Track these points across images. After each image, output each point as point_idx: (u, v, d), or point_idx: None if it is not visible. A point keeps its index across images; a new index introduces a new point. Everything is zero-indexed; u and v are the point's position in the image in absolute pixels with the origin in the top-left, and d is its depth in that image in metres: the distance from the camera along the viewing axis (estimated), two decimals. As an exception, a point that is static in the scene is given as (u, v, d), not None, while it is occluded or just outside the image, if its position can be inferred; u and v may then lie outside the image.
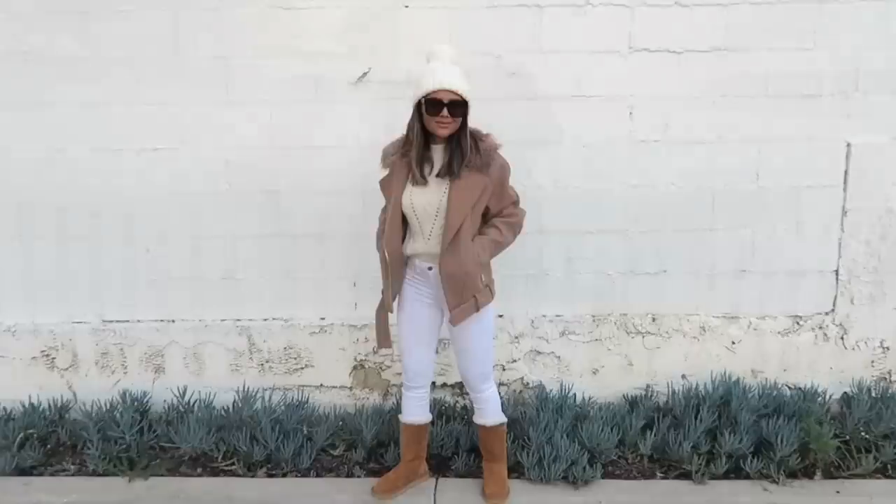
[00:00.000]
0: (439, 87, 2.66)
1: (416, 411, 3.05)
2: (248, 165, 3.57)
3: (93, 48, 3.47)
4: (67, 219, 3.62)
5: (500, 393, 3.66)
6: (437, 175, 2.77)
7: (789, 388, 3.66)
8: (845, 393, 3.64)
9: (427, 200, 2.77)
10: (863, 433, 3.37)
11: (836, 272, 3.64)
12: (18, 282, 3.68)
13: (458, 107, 2.68)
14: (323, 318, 3.70)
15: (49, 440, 3.47)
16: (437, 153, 2.79)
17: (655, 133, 3.52)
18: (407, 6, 3.43)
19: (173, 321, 3.71)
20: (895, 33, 3.44)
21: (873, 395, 3.56)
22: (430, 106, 2.68)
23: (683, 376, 3.70)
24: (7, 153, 3.57)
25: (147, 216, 3.61)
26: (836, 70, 3.46)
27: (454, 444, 3.32)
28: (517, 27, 3.44)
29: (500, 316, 3.67)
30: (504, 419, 3.07)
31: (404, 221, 2.86)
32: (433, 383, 3.65)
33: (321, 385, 3.73)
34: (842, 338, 3.69)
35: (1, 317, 3.72)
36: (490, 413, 3.02)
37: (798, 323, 3.68)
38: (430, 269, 2.85)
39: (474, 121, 2.81)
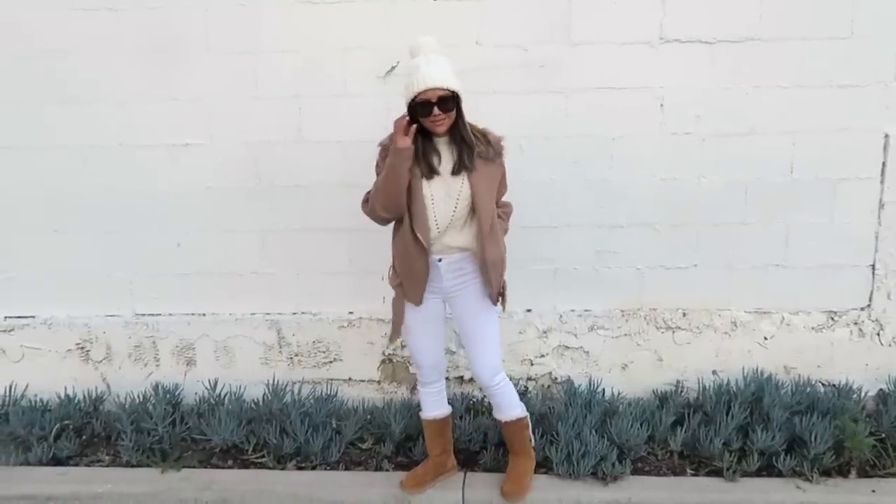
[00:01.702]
0: (424, 87, 2.61)
1: (435, 406, 3.05)
2: (277, 160, 3.59)
3: (121, 44, 3.51)
4: (100, 214, 3.68)
5: (528, 388, 3.68)
6: (452, 172, 2.75)
7: (823, 384, 3.59)
8: (881, 390, 3.56)
9: (446, 192, 2.75)
10: (900, 431, 3.31)
11: (873, 267, 3.56)
12: (53, 276, 3.75)
13: (449, 101, 2.64)
14: (351, 312, 3.72)
15: (84, 431, 3.54)
16: (442, 146, 2.77)
17: (686, 125, 3.47)
18: (435, -1, 3.43)
19: (204, 315, 3.75)
20: (936, 21, 3.35)
21: (911, 392, 3.48)
22: (420, 107, 2.64)
23: (714, 372, 3.65)
24: (41, 150, 3.64)
25: (178, 211, 3.66)
26: (874, 59, 3.38)
27: (482, 439, 3.32)
28: (545, 19, 3.41)
29: (529, 310, 3.66)
30: (523, 413, 3.03)
31: None
32: (461, 378, 3.67)
33: (350, 379, 3.75)
34: (878, 334, 3.61)
35: (37, 310, 3.80)
36: (505, 407, 3.00)
37: (833, 318, 3.61)
38: (440, 260, 2.83)
39: (499, 114, 2.79)
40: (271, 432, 3.33)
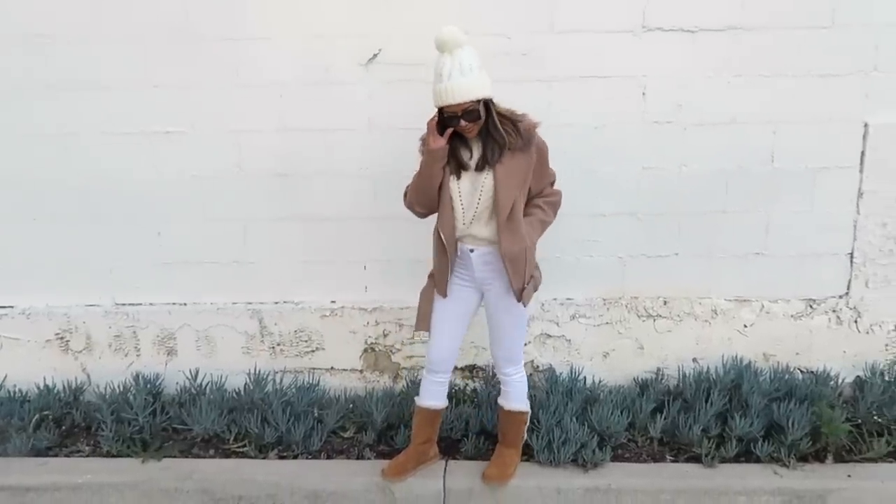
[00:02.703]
0: (447, 103, 2.63)
1: (433, 396, 3.04)
2: (258, 148, 3.56)
3: (103, 31, 3.46)
4: (80, 202, 3.63)
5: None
6: (476, 168, 2.77)
7: (801, 371, 3.64)
8: (858, 377, 3.61)
9: (472, 186, 2.77)
10: (875, 417, 3.35)
11: (851, 255, 3.60)
12: (32, 265, 3.71)
13: (474, 111, 2.65)
14: (334, 302, 3.71)
15: (64, 422, 3.52)
16: (473, 140, 2.78)
17: (668, 114, 3.47)
18: (417, -14, 3.39)
19: (185, 304, 3.73)
20: (915, 11, 3.37)
21: (887, 378, 3.53)
22: (447, 119, 2.67)
23: (694, 360, 3.68)
24: (20, 137, 3.58)
25: (159, 199, 3.62)
26: (854, 49, 3.39)
27: (464, 427, 3.33)
28: (529, 7, 3.39)
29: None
30: (525, 408, 3.06)
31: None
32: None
33: (332, 368, 3.75)
34: (856, 321, 3.65)
35: (16, 300, 3.76)
36: (512, 397, 3.03)
37: (811, 306, 3.64)
38: (472, 251, 2.84)
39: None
40: (253, 421, 3.32)
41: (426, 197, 2.83)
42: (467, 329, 3.03)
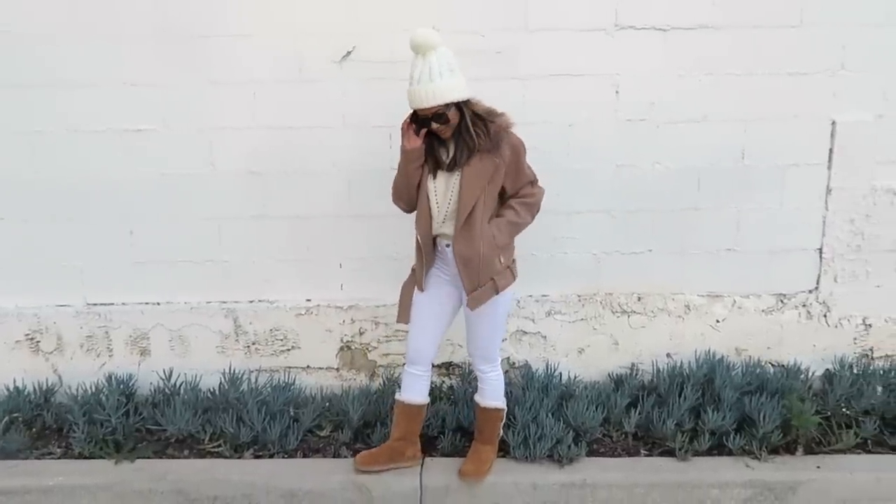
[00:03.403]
0: (415, 107, 2.68)
1: (412, 390, 3.03)
2: (231, 146, 3.53)
3: (74, 27, 3.41)
4: (50, 201, 3.57)
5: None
6: (448, 168, 2.79)
7: (772, 365, 3.69)
8: (828, 370, 3.68)
9: (445, 186, 2.80)
10: (844, 409, 3.42)
11: (820, 250, 3.66)
12: (1, 265, 3.64)
13: (443, 114, 2.67)
14: (309, 300, 3.69)
15: (34, 424, 3.46)
16: (450, 141, 2.80)
17: (641, 112, 3.51)
18: (391, -17, 3.39)
19: (158, 304, 3.69)
20: (881, 10, 3.43)
21: (855, 371, 3.60)
22: (420, 120, 2.71)
23: (668, 355, 3.72)
24: (-14, 135, 3.52)
25: (131, 198, 3.58)
26: (823, 47, 3.45)
27: (440, 424, 3.33)
28: (502, 5, 3.40)
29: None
30: (501, 405, 3.08)
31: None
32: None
33: (308, 366, 3.73)
34: (825, 316, 3.72)
35: (-16, 300, 3.69)
36: (487, 395, 3.05)
37: (782, 301, 3.70)
38: (447, 245, 2.87)
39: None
40: (228, 421, 3.29)
41: (406, 194, 2.89)
42: (449, 325, 3.04)
